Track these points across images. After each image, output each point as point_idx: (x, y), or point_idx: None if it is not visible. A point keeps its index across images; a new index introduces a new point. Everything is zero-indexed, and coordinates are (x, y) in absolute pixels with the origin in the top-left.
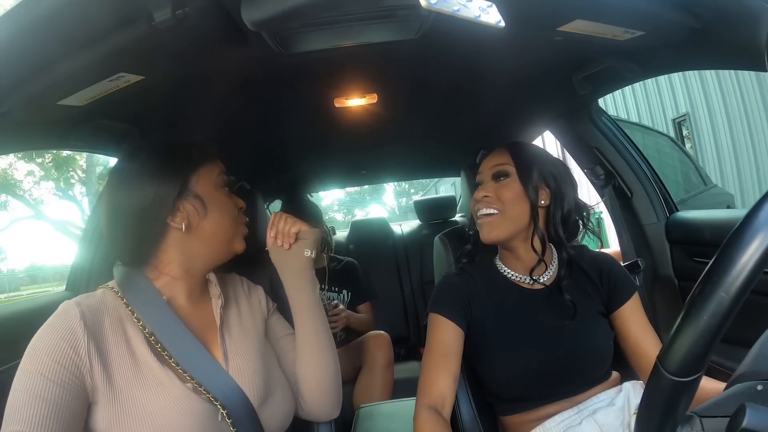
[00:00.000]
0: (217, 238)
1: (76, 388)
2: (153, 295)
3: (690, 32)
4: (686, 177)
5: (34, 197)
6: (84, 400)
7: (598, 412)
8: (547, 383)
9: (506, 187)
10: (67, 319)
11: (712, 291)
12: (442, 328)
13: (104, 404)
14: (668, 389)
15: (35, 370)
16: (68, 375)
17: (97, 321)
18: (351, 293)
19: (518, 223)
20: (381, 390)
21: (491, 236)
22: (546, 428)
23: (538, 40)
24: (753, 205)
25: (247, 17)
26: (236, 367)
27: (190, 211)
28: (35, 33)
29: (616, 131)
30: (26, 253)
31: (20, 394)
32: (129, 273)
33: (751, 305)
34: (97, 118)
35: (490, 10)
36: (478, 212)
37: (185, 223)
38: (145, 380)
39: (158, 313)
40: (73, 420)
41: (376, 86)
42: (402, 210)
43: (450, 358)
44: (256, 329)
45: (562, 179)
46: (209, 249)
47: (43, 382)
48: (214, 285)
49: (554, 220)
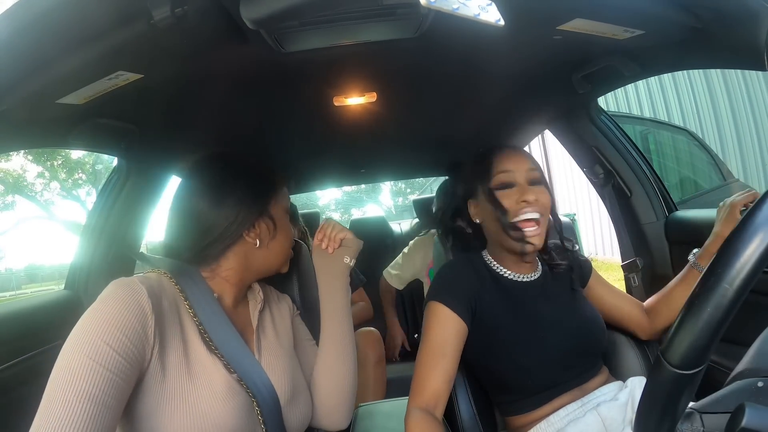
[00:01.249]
0: (277, 257)
1: (137, 366)
2: (206, 290)
3: (690, 31)
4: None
5: (44, 198)
6: (137, 378)
7: (602, 406)
8: (566, 367)
9: (544, 194)
10: (136, 295)
11: (716, 283)
12: (443, 321)
13: (153, 387)
14: (671, 382)
15: (101, 339)
16: (134, 350)
17: (159, 302)
18: None
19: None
20: (374, 387)
21: (539, 243)
22: (551, 422)
23: (537, 39)
24: (758, 198)
25: (247, 15)
26: (269, 364)
27: (264, 230)
28: (34, 31)
29: (616, 130)
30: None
31: (83, 358)
32: (183, 266)
33: (751, 305)
34: (96, 116)
35: (489, 8)
36: (523, 215)
37: (257, 240)
38: (194, 369)
39: (209, 308)
40: (123, 399)
41: (375, 85)
42: (398, 209)
43: (448, 357)
44: (287, 334)
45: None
46: (267, 265)
47: (108, 352)
48: (257, 292)
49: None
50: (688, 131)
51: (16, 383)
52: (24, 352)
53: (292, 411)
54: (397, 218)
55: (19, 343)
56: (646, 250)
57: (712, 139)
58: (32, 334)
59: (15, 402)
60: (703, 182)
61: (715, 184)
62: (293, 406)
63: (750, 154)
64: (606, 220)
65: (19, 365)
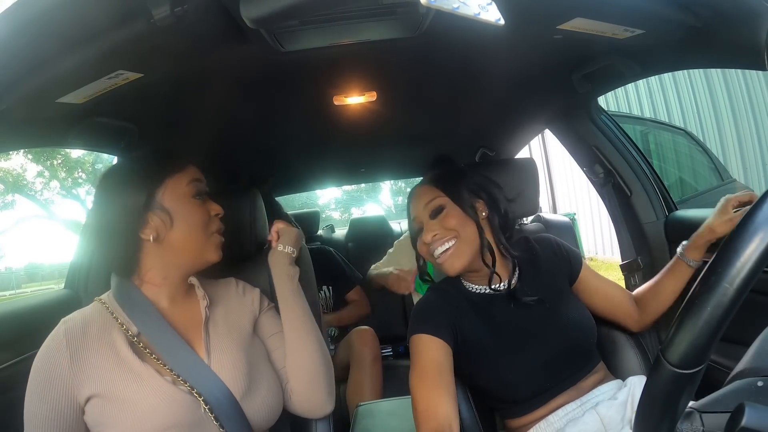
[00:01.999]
0: (187, 249)
1: (66, 398)
2: (140, 299)
3: (690, 31)
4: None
5: (44, 197)
6: (79, 407)
7: (600, 405)
8: (553, 372)
9: (448, 217)
10: (52, 341)
11: (717, 282)
12: (429, 346)
13: (93, 403)
14: (670, 381)
15: (34, 393)
16: (57, 389)
17: (83, 332)
18: (332, 287)
19: (474, 243)
20: (371, 385)
21: (456, 266)
22: (550, 422)
23: (537, 39)
24: (758, 198)
25: (246, 14)
26: (218, 361)
27: (158, 224)
28: (33, 29)
29: (616, 130)
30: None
31: (26, 415)
32: (120, 281)
33: (751, 305)
34: (95, 115)
35: (489, 7)
36: (435, 253)
37: (153, 236)
38: (125, 375)
39: (145, 316)
40: (73, 427)
41: (375, 84)
42: (398, 209)
43: (445, 376)
44: (242, 327)
45: (487, 185)
46: (181, 259)
47: (39, 402)
48: (197, 288)
49: (495, 226)
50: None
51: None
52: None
53: (253, 403)
54: (397, 217)
55: (19, 342)
56: (646, 249)
57: (712, 139)
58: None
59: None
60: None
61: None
62: (253, 398)
63: (750, 154)
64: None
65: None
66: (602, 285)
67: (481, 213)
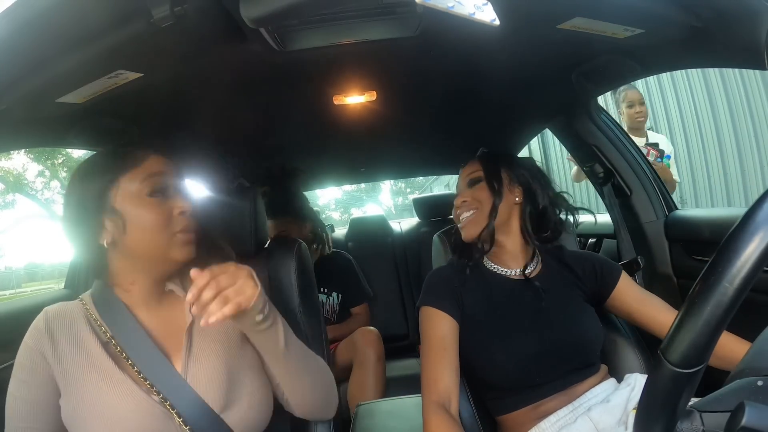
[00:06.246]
0: (146, 253)
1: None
2: (115, 303)
3: (690, 30)
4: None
5: (45, 197)
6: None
7: (593, 410)
8: (543, 368)
9: (480, 189)
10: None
11: (716, 282)
12: (436, 321)
13: (65, 398)
14: (670, 380)
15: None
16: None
17: (59, 325)
18: (342, 295)
19: (491, 217)
20: (374, 386)
21: (471, 233)
22: (541, 429)
23: (537, 38)
24: (758, 197)
25: (246, 14)
26: (193, 374)
27: (112, 228)
28: (33, 29)
29: (615, 129)
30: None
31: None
32: (98, 284)
33: (750, 304)
34: (95, 115)
35: (485, 8)
36: (460, 217)
37: (108, 241)
38: (96, 377)
39: (120, 320)
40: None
41: (375, 83)
42: (398, 209)
43: (449, 351)
44: (232, 332)
45: (533, 178)
46: (143, 263)
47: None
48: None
49: (525, 215)
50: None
51: None
52: None
53: (232, 417)
54: (397, 217)
55: (19, 342)
56: (646, 248)
57: (710, 138)
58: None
59: None
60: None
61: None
62: (235, 411)
63: (749, 154)
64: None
65: None
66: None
67: (516, 198)
